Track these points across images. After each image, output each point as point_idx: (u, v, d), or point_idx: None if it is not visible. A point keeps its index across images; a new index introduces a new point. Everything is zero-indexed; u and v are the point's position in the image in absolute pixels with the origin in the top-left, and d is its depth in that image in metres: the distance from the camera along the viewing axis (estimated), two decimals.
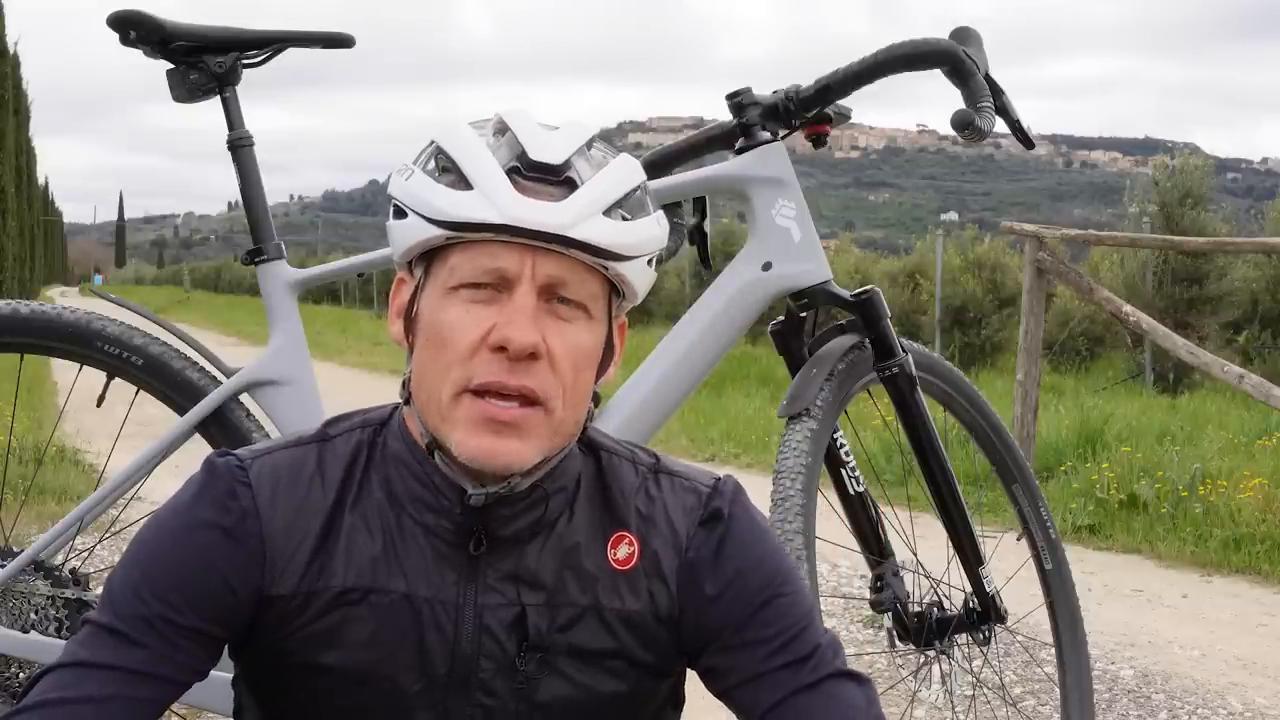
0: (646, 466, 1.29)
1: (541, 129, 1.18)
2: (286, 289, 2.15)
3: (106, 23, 2.10)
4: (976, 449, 2.52)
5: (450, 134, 1.18)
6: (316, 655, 1.19)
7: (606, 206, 1.16)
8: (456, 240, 1.15)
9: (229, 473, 1.21)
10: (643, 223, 1.20)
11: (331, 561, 1.19)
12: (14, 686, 2.06)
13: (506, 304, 1.14)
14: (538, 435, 1.15)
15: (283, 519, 1.20)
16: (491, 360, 1.13)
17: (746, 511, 1.28)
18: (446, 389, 1.14)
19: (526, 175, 1.15)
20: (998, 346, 13.96)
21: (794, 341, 2.19)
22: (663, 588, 1.24)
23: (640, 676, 1.24)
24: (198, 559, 1.18)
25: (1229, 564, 5.41)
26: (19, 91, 27.07)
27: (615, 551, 1.24)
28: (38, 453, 5.78)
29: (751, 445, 8.39)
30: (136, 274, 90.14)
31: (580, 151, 1.18)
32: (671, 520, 1.26)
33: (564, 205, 1.14)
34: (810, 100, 2.13)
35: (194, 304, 37.61)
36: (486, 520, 1.19)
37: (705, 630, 1.24)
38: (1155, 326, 6.49)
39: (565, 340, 1.15)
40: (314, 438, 1.25)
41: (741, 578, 1.25)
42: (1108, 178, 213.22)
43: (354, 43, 2.20)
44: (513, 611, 1.20)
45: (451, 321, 1.14)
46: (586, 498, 1.25)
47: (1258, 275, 12.12)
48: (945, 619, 2.24)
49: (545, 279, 1.14)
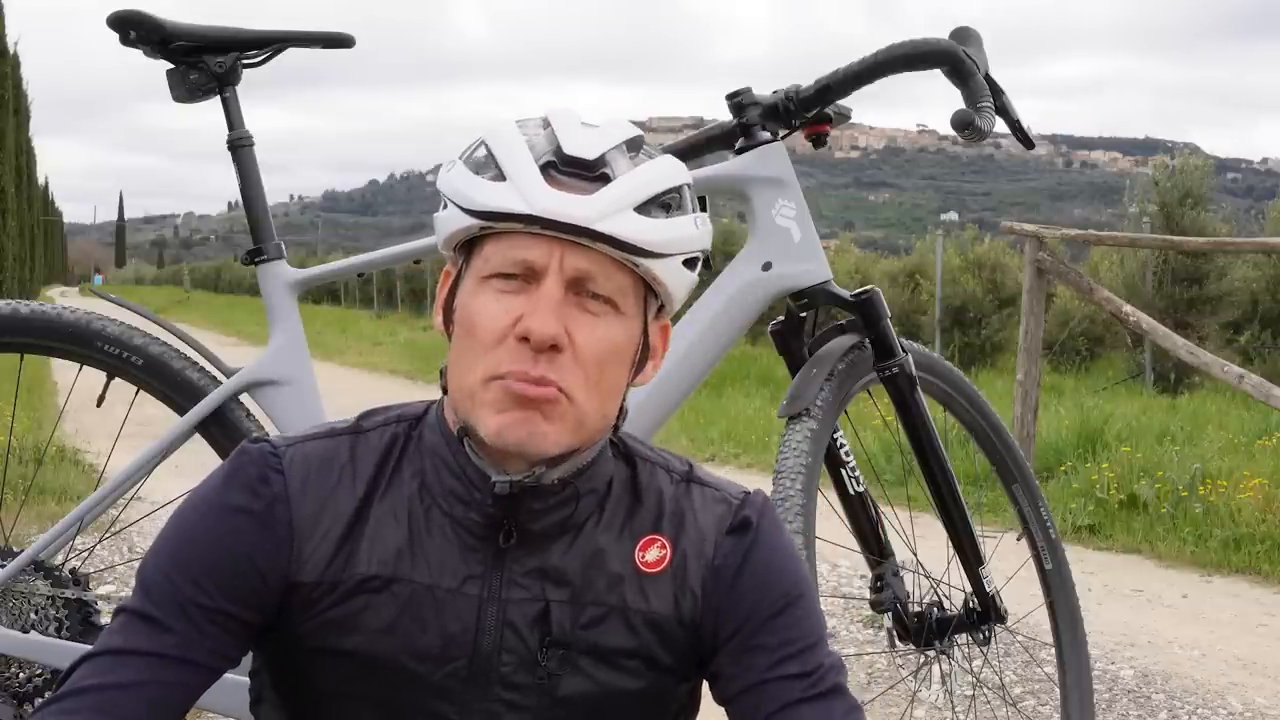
0: (680, 474, 1.31)
1: (582, 126, 1.21)
2: (286, 289, 2.15)
3: (106, 23, 2.10)
4: (976, 449, 2.52)
5: (494, 130, 1.21)
6: (337, 641, 1.20)
7: (639, 203, 1.18)
8: (490, 231, 1.18)
9: (262, 459, 1.23)
10: (676, 221, 1.21)
11: (357, 550, 1.21)
12: (14, 686, 2.06)
13: (534, 294, 1.16)
14: (563, 421, 1.17)
15: (312, 507, 1.22)
16: (516, 349, 1.15)
17: (775, 524, 1.30)
18: (476, 375, 1.17)
19: (562, 170, 1.17)
20: (998, 346, 13.96)
21: (794, 341, 2.19)
22: (689, 593, 1.25)
23: (659, 677, 1.25)
24: (228, 543, 1.20)
25: (1229, 564, 5.41)
26: (19, 91, 27.08)
27: (645, 554, 1.25)
28: (38, 453, 5.78)
29: (751, 445, 8.39)
30: (136, 274, 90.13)
31: (619, 148, 1.20)
32: (701, 528, 1.27)
33: (593, 199, 1.16)
34: (810, 100, 2.13)
35: (194, 304, 37.62)
36: (516, 514, 1.21)
37: (720, 634, 1.25)
38: (1155, 326, 6.49)
39: (592, 334, 1.17)
40: (348, 429, 1.28)
41: (762, 586, 1.26)
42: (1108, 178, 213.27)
43: (354, 43, 2.20)
44: (537, 607, 1.21)
45: (481, 309, 1.17)
46: (618, 501, 1.27)
47: (1258, 275, 12.11)
48: (945, 619, 2.25)
49: (573, 272, 1.16)
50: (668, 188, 1.21)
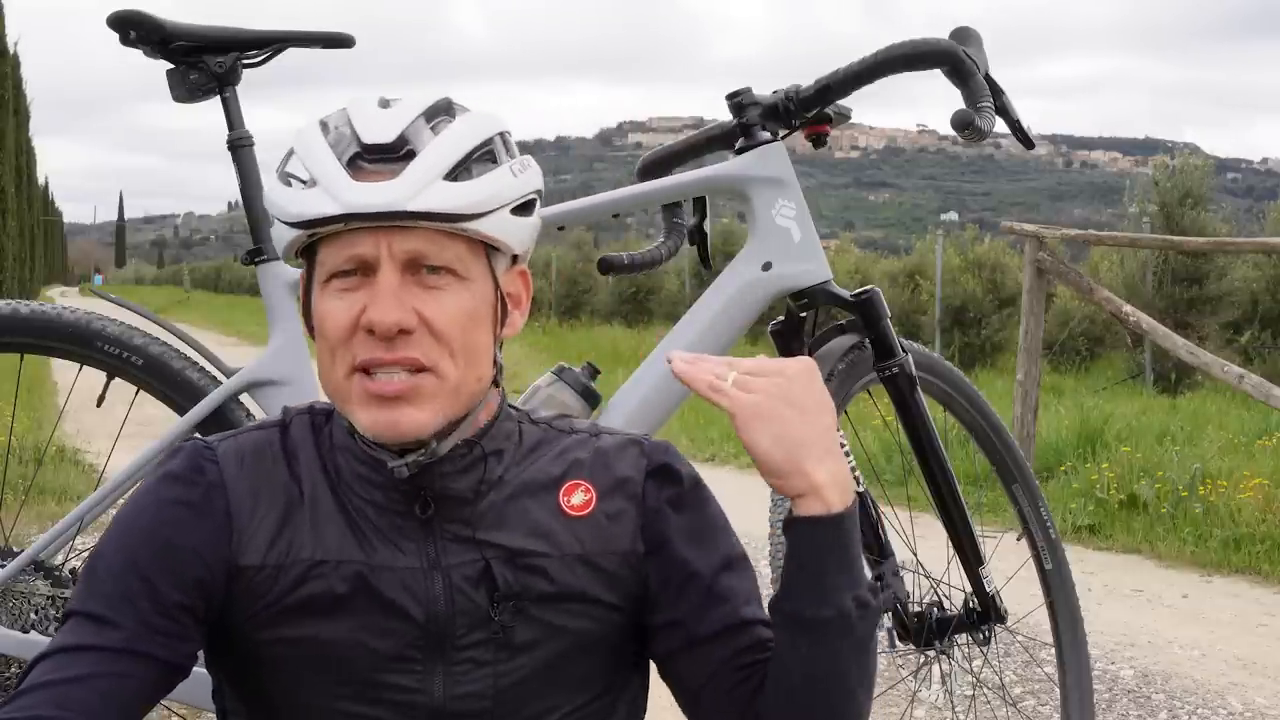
0: (586, 430, 1.33)
1: (378, 109, 1.21)
2: (286, 289, 2.15)
3: (106, 23, 2.10)
4: (976, 449, 2.52)
5: (299, 136, 1.23)
6: (290, 629, 1.21)
7: (447, 170, 1.18)
8: (318, 236, 1.20)
9: (195, 452, 1.26)
10: (489, 177, 1.20)
11: (299, 535, 1.23)
12: (14, 686, 2.06)
13: (372, 286, 1.18)
14: (433, 400, 1.19)
15: (248, 492, 1.24)
16: (367, 340, 1.18)
17: (693, 472, 1.33)
18: (338, 372, 1.20)
19: (368, 160, 1.18)
20: (998, 346, 13.96)
21: (794, 341, 2.19)
22: (623, 530, 1.27)
23: (608, 615, 1.27)
24: (167, 533, 1.22)
25: (1229, 564, 5.41)
26: (19, 91, 27.08)
27: (570, 498, 1.27)
28: (38, 453, 5.78)
29: None
30: (136, 274, 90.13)
31: (416, 123, 1.20)
32: (621, 470, 1.29)
33: (397, 182, 1.16)
34: (810, 100, 2.13)
35: (194, 304, 37.61)
36: (428, 483, 1.23)
37: (669, 580, 1.27)
38: (1155, 326, 6.49)
39: (442, 307, 1.18)
40: (275, 422, 1.31)
41: (706, 538, 1.29)
42: (1108, 178, 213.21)
43: (354, 43, 2.20)
44: (477, 566, 1.23)
45: (328, 311, 1.20)
46: (530, 455, 1.29)
47: (1258, 275, 12.12)
48: (945, 619, 2.25)
49: (404, 255, 1.18)
50: (474, 146, 1.20)
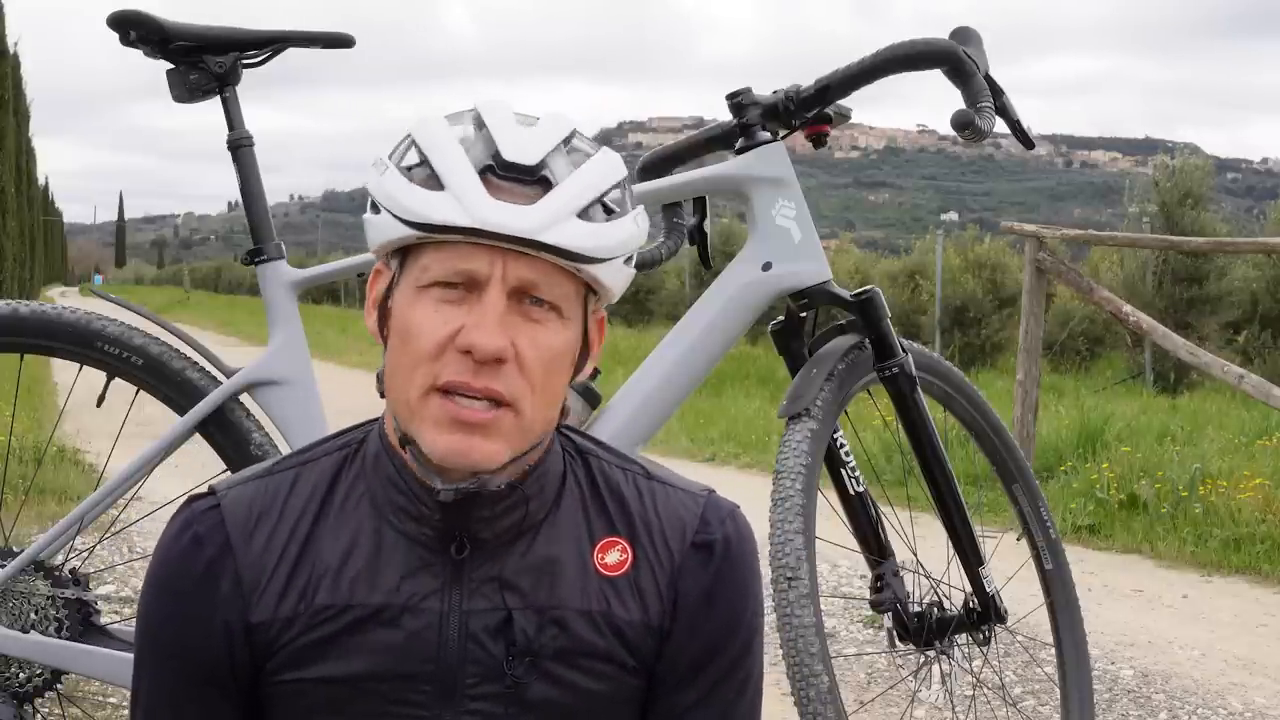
0: (637, 472, 1.27)
1: (518, 125, 1.16)
2: (286, 289, 2.15)
3: (107, 23, 2.10)
4: (976, 449, 2.52)
5: (425, 130, 1.17)
6: (302, 671, 1.19)
7: (581, 208, 1.14)
8: (428, 239, 1.14)
9: (198, 518, 1.22)
10: (618, 224, 1.17)
11: (311, 581, 1.19)
12: (14, 686, 2.06)
13: (476, 305, 1.12)
14: (507, 436, 1.14)
15: (257, 547, 1.20)
16: (458, 361, 1.12)
17: (742, 544, 1.26)
18: (415, 386, 1.14)
19: (500, 175, 1.13)
20: (998, 346, 13.96)
21: (794, 341, 2.19)
22: (654, 600, 1.23)
23: (626, 678, 1.23)
24: (189, 621, 1.20)
25: (1229, 564, 5.41)
26: (19, 91, 27.06)
27: (604, 557, 1.22)
28: (38, 453, 5.78)
29: (751, 445, 8.38)
30: (136, 274, 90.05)
31: (557, 149, 1.16)
32: (665, 533, 1.24)
33: (535, 209, 1.12)
34: (810, 100, 2.13)
35: (194, 304, 37.58)
36: (467, 523, 1.18)
37: (678, 660, 1.24)
38: (1155, 326, 6.49)
39: (536, 343, 1.14)
40: (291, 463, 1.26)
41: (726, 628, 1.24)
42: (1107, 178, 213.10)
43: (354, 42, 2.20)
44: (499, 616, 1.18)
45: (421, 319, 1.14)
46: (573, 501, 1.24)
47: (1258, 275, 12.12)
48: (945, 619, 2.25)
49: (516, 281, 1.13)
50: (608, 187, 1.17)
